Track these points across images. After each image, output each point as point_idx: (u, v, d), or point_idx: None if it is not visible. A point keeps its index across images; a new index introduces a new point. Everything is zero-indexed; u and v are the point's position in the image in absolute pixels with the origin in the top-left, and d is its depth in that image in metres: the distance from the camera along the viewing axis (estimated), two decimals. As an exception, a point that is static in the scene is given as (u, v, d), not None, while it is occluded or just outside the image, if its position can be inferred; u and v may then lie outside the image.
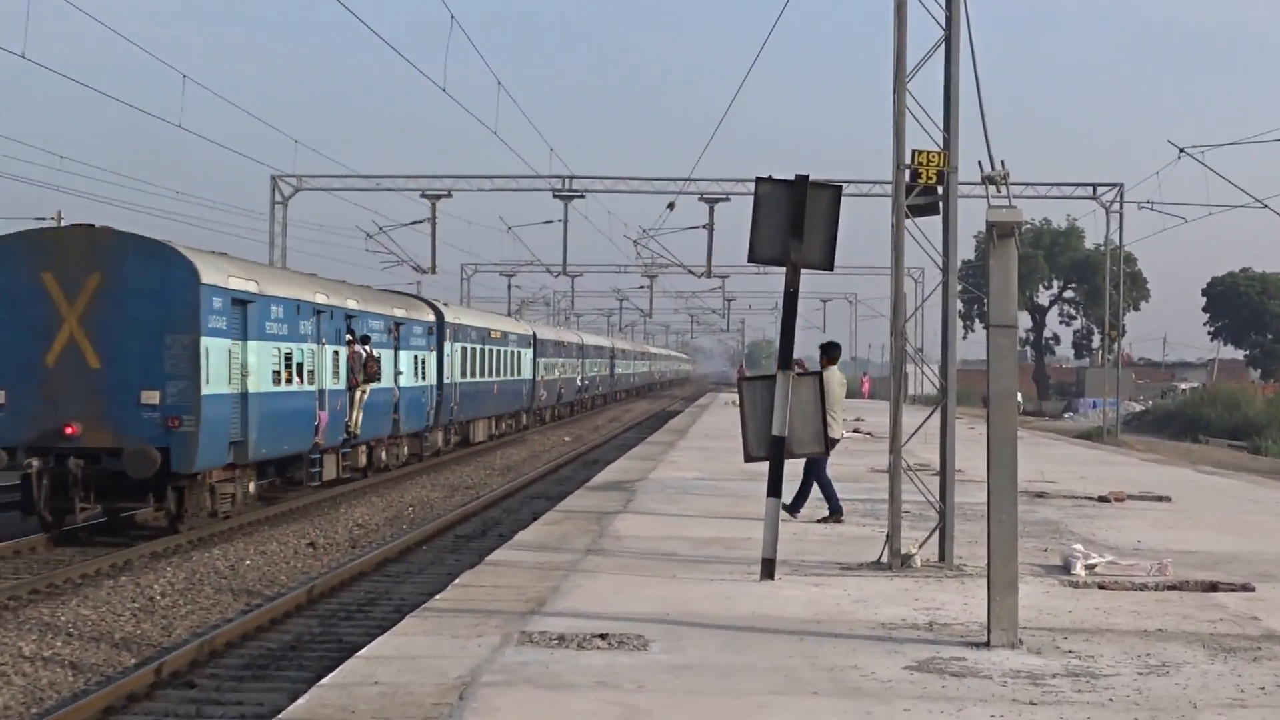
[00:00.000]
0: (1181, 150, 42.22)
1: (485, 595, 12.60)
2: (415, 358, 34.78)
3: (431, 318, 37.10)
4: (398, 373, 33.00)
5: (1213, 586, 13.51)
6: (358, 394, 29.43)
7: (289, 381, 24.92)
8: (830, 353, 18.62)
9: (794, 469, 24.44)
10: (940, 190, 14.32)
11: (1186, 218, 59.28)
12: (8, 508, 23.94)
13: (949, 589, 13.18)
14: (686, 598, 12.50)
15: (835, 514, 18.63)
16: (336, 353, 27.93)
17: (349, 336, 28.95)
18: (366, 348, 29.87)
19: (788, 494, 18.67)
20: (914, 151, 14.07)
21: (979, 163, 12.77)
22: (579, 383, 69.44)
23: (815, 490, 18.85)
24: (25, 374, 20.98)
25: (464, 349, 40.49)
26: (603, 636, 10.59)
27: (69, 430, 20.83)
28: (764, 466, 13.54)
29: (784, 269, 13.25)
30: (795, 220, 13.13)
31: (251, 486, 24.35)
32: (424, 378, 35.65)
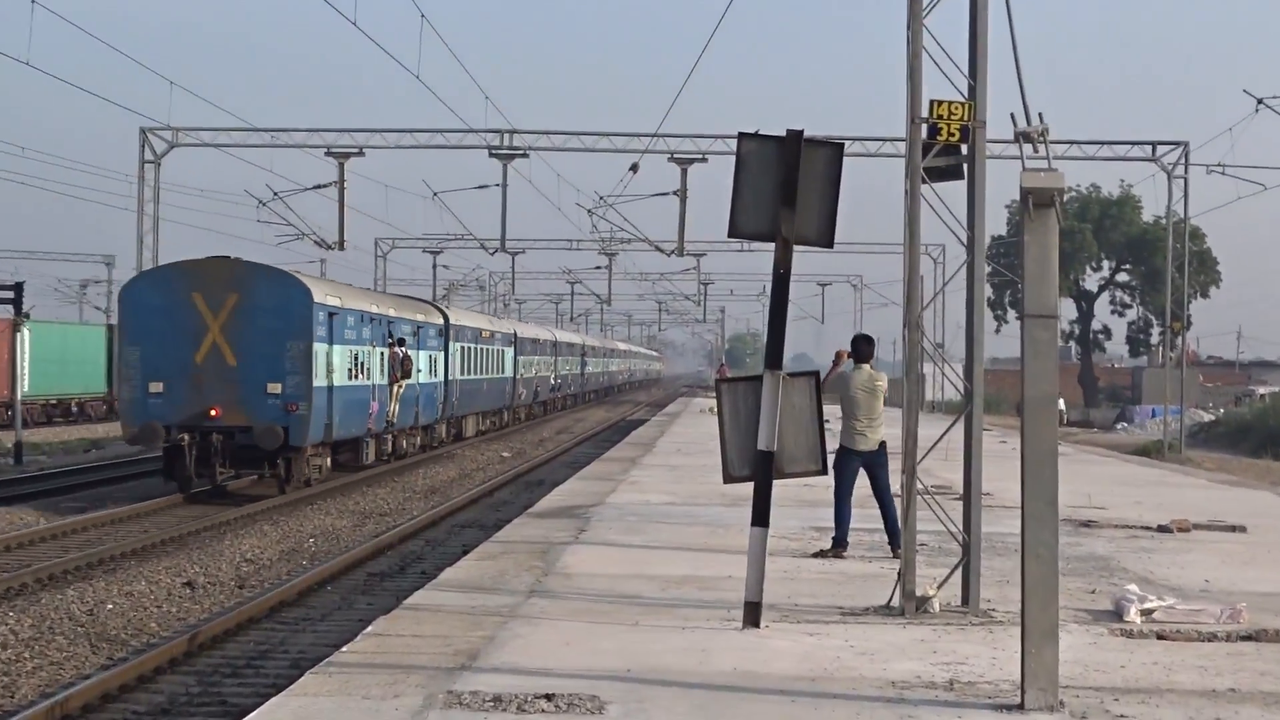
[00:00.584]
0: (1260, 101, 42.50)
1: (404, 647, 12.59)
2: (430, 357, 47.57)
3: (441, 320, 50.54)
4: (417, 370, 44.67)
5: (1296, 636, 13.57)
6: (395, 388, 41.68)
7: (355, 377, 37.33)
8: (858, 347, 18.70)
9: (803, 494, 24.51)
10: (964, 149, 14.36)
11: (1266, 184, 59.69)
12: (135, 477, 38.80)
13: (974, 639, 13.24)
14: (652, 650, 12.52)
15: (838, 546, 18.73)
16: (382, 353, 40.47)
17: (390, 339, 41.42)
18: (402, 349, 42.39)
19: (852, 526, 18.69)
20: (933, 102, 14.11)
21: (1012, 115, 12.82)
22: (553, 381, 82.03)
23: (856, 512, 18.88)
24: (179, 370, 33.06)
25: (463, 348, 53.43)
26: (548, 697, 10.61)
27: (212, 412, 32.85)
28: (748, 489, 13.57)
29: (773, 246, 13.28)
30: (787, 186, 13.15)
31: (328, 461, 36.72)
32: (436, 375, 48.42)
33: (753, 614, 13.48)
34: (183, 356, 33.14)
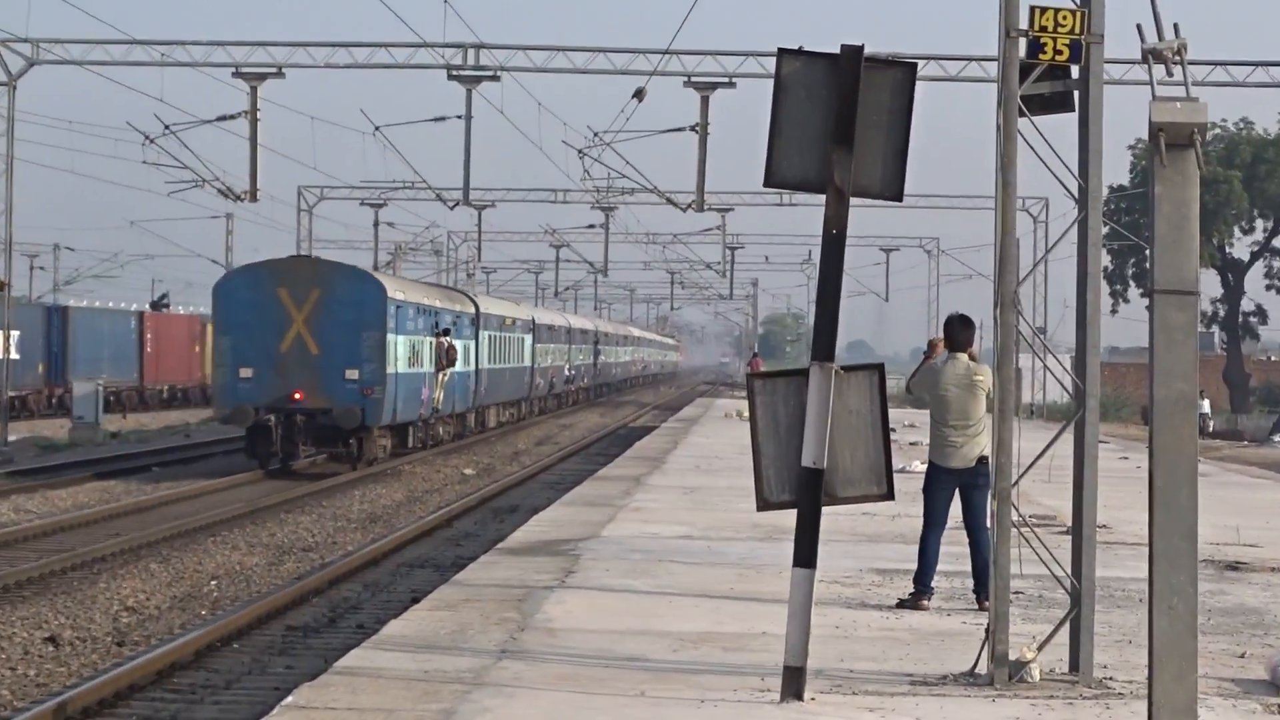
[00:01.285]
0: None
1: (335, 724, 12.58)
2: (464, 346, 62.30)
3: (473, 309, 66.25)
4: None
5: None
6: (440, 376, 56.66)
7: (413, 365, 52.27)
8: (953, 332, 18.56)
9: (860, 524, 24.38)
10: (1075, 72, 14.36)
11: None
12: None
13: (1086, 717, 13.26)
14: (662, 729, 12.52)
15: (920, 592, 18.67)
16: (430, 343, 55.55)
17: (436, 330, 56.53)
18: (447, 339, 57.56)
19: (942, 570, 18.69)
20: (1033, 9, 14.12)
21: (1138, 27, 12.82)
22: (567, 372, 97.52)
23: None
24: (266, 357, 46.97)
25: (490, 337, 69.23)
26: (526, 792, 10.59)
27: (296, 395, 46.72)
28: (789, 519, 13.59)
29: (822, 199, 13.30)
30: (842, 120, 13.16)
31: (389, 442, 52.08)
32: (468, 364, 63.74)
33: (794, 682, 13.47)
34: (270, 345, 47.23)
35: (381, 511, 39.49)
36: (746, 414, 13.97)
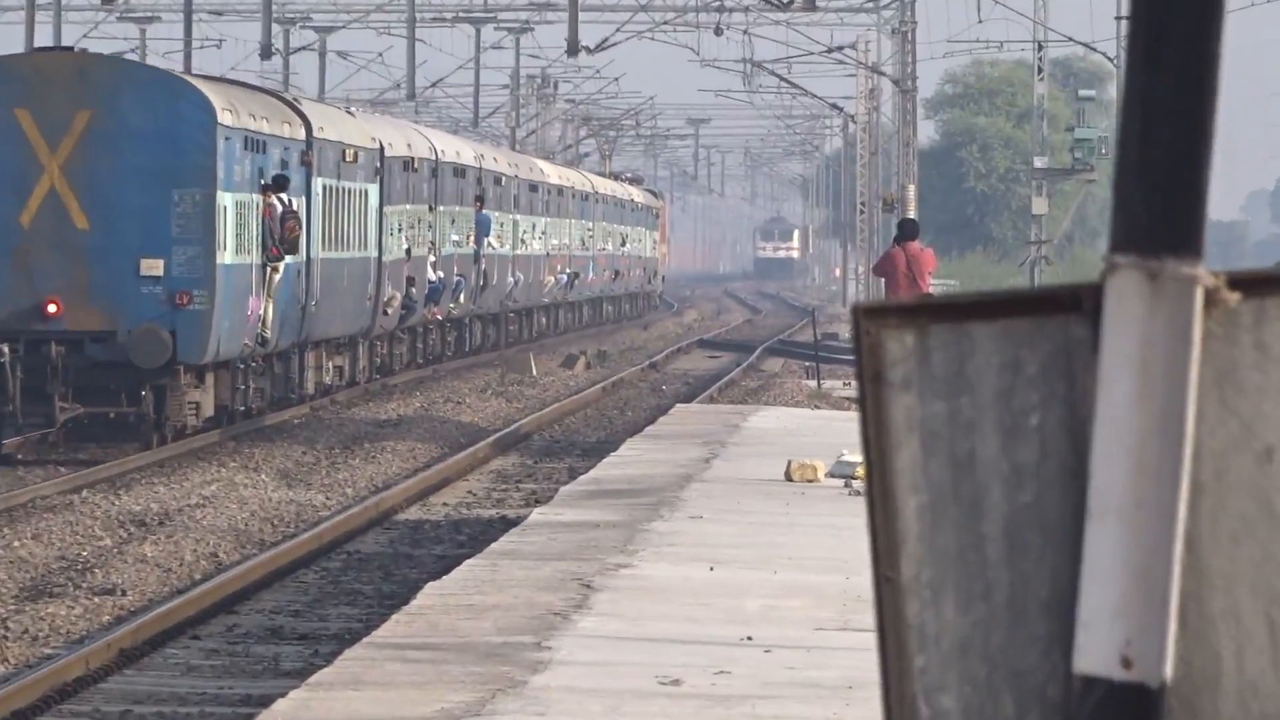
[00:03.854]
0: None
1: None
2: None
3: (302, 132, 50.90)
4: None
5: None
6: (269, 275, 45.11)
7: (242, 252, 42.78)
8: None
9: None
10: None
11: None
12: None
13: None
14: None
15: None
16: (257, 206, 44.71)
17: (263, 180, 44.91)
18: (284, 196, 46.06)
19: None
20: None
21: None
22: (431, 276, 73.59)
23: None
24: None
25: (326, 190, 53.91)
26: None
27: (49, 309, 40.78)
28: None
29: None
30: None
31: (202, 401, 42.45)
32: (297, 251, 50.26)
33: None
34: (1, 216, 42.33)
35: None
36: (863, 478, 6.63)
